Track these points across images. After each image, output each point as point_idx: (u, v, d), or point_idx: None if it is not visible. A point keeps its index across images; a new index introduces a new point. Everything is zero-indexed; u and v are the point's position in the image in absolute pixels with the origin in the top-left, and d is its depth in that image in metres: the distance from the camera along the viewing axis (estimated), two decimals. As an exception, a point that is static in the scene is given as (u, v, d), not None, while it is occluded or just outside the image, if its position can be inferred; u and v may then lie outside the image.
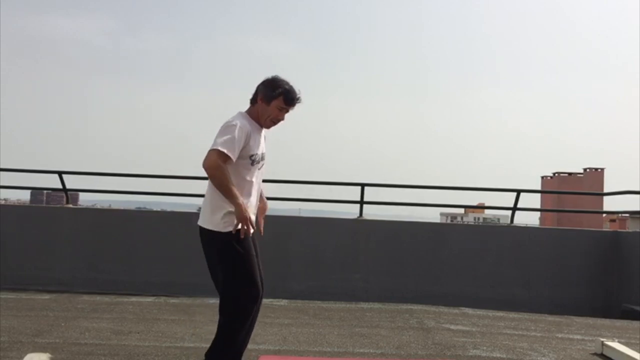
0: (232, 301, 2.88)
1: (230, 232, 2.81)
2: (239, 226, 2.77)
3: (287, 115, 2.99)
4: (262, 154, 2.99)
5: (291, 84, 2.95)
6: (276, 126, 3.02)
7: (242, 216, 2.75)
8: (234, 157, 2.78)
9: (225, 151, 2.74)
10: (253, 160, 2.90)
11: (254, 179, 2.94)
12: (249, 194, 2.91)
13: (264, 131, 3.03)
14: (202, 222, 2.92)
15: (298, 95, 2.93)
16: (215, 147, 2.75)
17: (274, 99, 2.90)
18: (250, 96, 2.98)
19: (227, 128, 2.81)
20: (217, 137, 2.80)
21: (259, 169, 2.98)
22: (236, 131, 2.79)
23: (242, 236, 2.79)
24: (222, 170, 2.74)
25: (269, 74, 3.00)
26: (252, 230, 2.86)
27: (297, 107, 2.98)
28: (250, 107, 2.98)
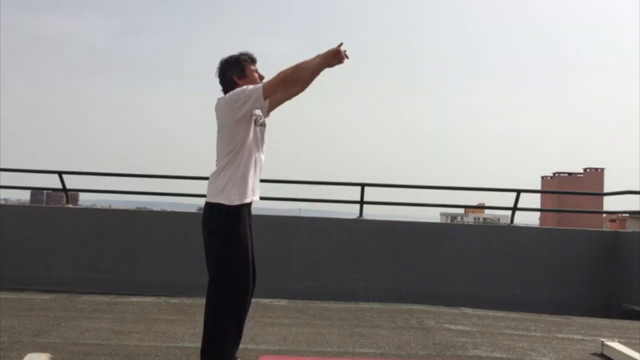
0: (222, 286, 2.85)
1: (237, 206, 2.83)
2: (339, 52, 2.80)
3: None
4: (263, 120, 3.00)
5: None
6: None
7: (330, 52, 2.79)
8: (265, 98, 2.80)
9: (267, 86, 2.79)
10: (256, 121, 2.92)
11: (257, 143, 2.94)
12: (251, 162, 2.90)
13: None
14: (210, 198, 2.89)
15: (251, 53, 3.03)
16: (255, 89, 2.78)
17: (245, 68, 2.99)
18: (223, 89, 3.01)
19: (232, 93, 2.84)
20: (239, 95, 2.81)
21: (260, 137, 2.98)
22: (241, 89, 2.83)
23: (338, 48, 2.80)
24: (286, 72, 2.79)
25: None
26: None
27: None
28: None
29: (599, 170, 46.81)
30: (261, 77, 3.04)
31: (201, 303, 2.92)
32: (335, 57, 2.81)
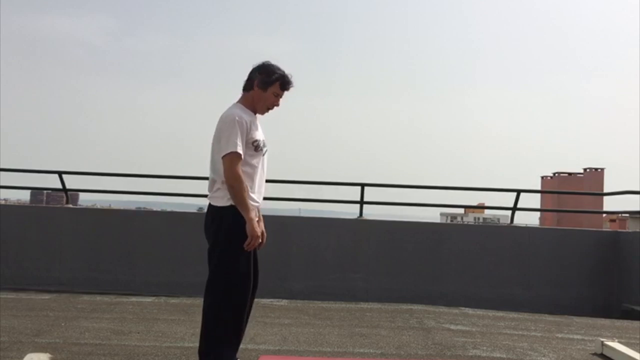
0: (222, 287, 2.84)
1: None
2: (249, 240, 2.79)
3: (285, 106, 3.04)
4: (264, 140, 2.98)
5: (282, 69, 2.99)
6: (270, 112, 3.03)
7: (253, 232, 2.78)
8: (242, 152, 2.81)
9: (237, 151, 2.78)
10: (257, 147, 2.90)
11: (260, 166, 2.95)
12: (259, 182, 2.95)
13: (258, 118, 3.04)
14: (215, 202, 2.88)
15: (291, 81, 2.98)
16: (227, 152, 2.77)
17: (270, 85, 2.93)
18: (243, 84, 2.99)
19: (227, 125, 2.82)
20: (222, 138, 2.81)
21: (263, 155, 2.98)
22: (236, 126, 2.80)
23: (247, 249, 2.81)
24: (241, 182, 2.78)
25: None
26: (260, 241, 2.87)
27: (291, 92, 3.02)
28: (243, 94, 2.98)
29: (599, 170, 46.80)
30: (273, 106, 2.98)
31: (201, 303, 2.92)
32: (253, 234, 2.79)
